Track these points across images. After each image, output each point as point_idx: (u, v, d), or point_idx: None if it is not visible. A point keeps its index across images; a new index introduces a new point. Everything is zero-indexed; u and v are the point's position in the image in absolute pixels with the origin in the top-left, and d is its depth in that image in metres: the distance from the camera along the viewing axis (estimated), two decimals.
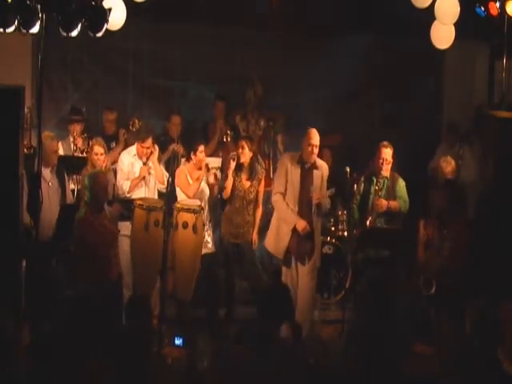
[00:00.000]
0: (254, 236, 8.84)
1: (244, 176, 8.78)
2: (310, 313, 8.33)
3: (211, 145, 10.04)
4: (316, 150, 8.34)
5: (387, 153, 8.78)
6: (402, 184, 8.86)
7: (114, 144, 9.71)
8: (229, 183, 8.72)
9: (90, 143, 9.11)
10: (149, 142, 8.76)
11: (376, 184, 8.80)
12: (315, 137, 8.32)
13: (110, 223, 7.75)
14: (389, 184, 8.82)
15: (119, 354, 5.70)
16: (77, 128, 9.67)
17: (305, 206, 8.33)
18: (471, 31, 9.72)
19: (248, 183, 8.78)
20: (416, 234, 8.21)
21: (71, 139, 9.59)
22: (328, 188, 9.46)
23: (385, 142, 8.85)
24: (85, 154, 9.26)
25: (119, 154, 9.13)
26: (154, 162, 8.72)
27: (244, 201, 8.75)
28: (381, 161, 8.77)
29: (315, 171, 8.34)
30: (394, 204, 8.76)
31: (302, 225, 8.28)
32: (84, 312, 6.66)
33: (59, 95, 10.80)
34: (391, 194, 8.81)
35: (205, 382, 5.91)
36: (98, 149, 8.78)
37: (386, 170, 8.83)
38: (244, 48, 11.04)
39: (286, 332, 5.84)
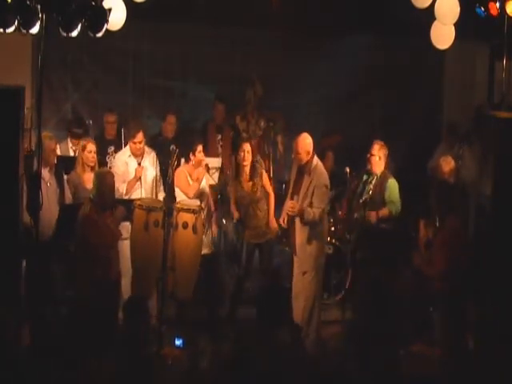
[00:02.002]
0: (273, 223, 8.78)
1: (245, 178, 8.79)
2: (309, 312, 8.27)
3: (210, 147, 10.02)
4: (302, 156, 8.23)
5: (375, 148, 8.82)
6: (393, 185, 8.79)
7: (112, 148, 9.63)
8: (231, 190, 8.86)
9: (81, 142, 9.01)
10: (140, 136, 8.74)
11: (364, 178, 8.83)
12: (301, 143, 8.23)
13: (113, 224, 7.76)
14: (377, 182, 8.80)
15: (119, 355, 5.70)
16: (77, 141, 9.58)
17: None
18: (471, 31, 9.71)
19: (250, 184, 8.79)
20: (416, 234, 8.20)
21: (70, 145, 9.54)
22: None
23: (378, 140, 8.89)
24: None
25: None
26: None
27: (252, 203, 8.77)
28: (368, 155, 8.83)
29: (306, 177, 8.24)
30: (383, 212, 8.73)
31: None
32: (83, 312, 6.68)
33: (59, 95, 10.80)
34: (377, 193, 8.76)
35: (205, 382, 5.92)
36: (92, 146, 8.67)
37: (375, 166, 8.81)
38: (244, 48, 11.05)
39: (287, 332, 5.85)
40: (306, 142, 8.26)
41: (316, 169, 8.26)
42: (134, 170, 8.72)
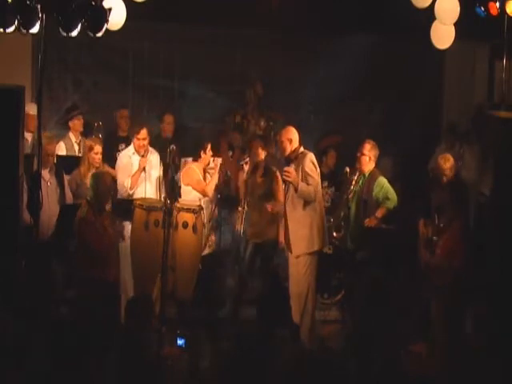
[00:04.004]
0: (281, 236, 8.62)
1: (258, 174, 8.85)
2: (306, 308, 8.20)
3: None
4: (285, 145, 8.20)
5: (366, 148, 8.81)
6: (383, 182, 8.78)
7: (123, 146, 9.54)
8: (241, 185, 8.92)
9: (88, 142, 9.01)
10: (143, 133, 8.77)
11: (353, 178, 8.82)
12: (283, 133, 8.26)
13: (111, 225, 7.76)
14: (365, 181, 8.79)
15: (119, 354, 5.70)
16: (77, 125, 9.59)
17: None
18: (471, 31, 9.71)
19: (260, 179, 8.82)
20: (416, 234, 8.21)
21: (74, 140, 9.54)
22: (328, 188, 9.53)
23: (369, 140, 8.89)
24: (80, 154, 9.25)
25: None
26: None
27: (255, 196, 8.77)
28: (359, 154, 8.82)
29: (294, 164, 8.20)
30: (381, 213, 8.72)
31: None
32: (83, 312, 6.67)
33: (59, 95, 10.81)
34: (366, 193, 8.76)
35: (205, 382, 5.92)
36: (99, 148, 8.75)
37: (364, 166, 8.80)
38: (244, 48, 11.05)
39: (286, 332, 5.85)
40: (288, 131, 8.27)
41: (301, 153, 8.23)
42: (138, 162, 8.73)
